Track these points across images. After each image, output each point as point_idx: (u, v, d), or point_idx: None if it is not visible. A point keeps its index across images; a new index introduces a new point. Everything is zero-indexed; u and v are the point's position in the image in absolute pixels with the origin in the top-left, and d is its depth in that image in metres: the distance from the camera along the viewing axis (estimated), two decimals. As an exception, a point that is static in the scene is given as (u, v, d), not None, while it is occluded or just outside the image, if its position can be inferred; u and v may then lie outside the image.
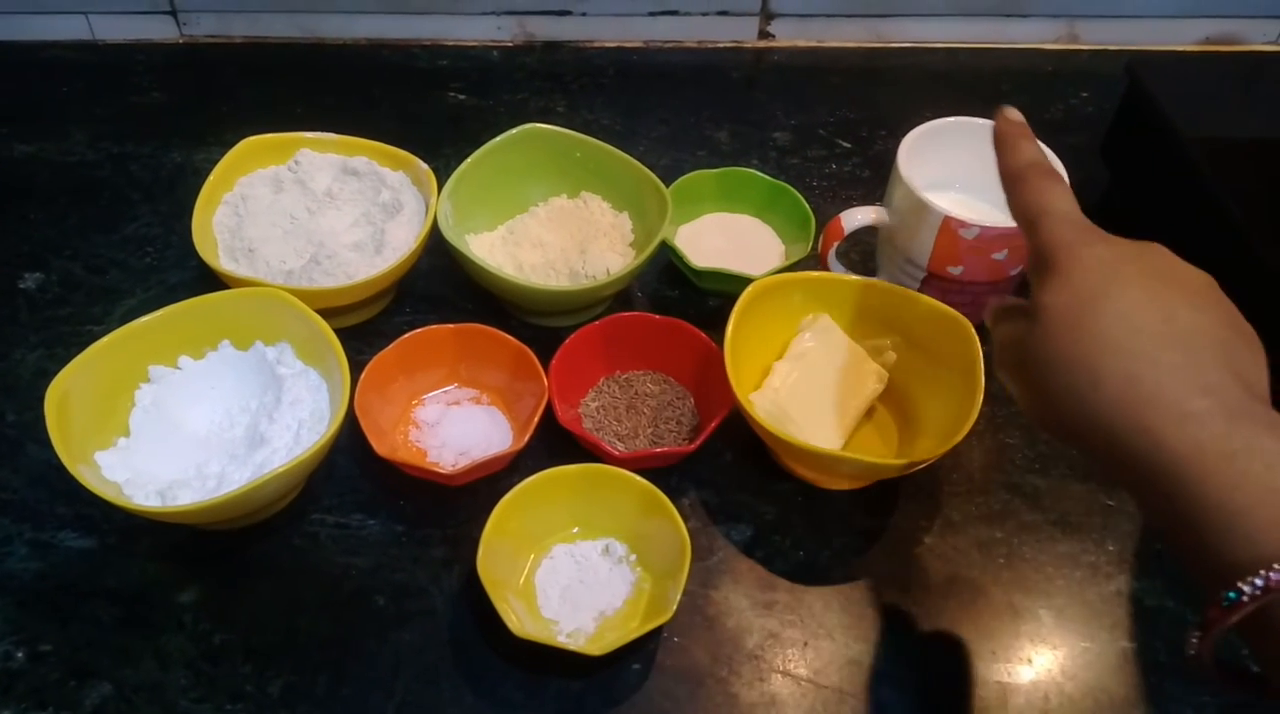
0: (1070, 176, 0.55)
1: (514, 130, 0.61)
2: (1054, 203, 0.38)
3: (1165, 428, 0.31)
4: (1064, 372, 0.34)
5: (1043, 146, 0.57)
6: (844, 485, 0.53)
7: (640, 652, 0.47)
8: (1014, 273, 0.56)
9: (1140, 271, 0.35)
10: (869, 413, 0.55)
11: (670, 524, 0.47)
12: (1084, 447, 0.35)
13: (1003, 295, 0.40)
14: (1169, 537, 0.33)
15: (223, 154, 0.61)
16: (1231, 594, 0.29)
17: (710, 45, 0.83)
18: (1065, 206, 0.38)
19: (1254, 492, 0.30)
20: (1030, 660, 0.47)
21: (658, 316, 0.56)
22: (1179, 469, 0.31)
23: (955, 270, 0.55)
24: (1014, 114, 0.42)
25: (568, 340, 0.54)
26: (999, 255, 0.54)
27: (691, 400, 0.56)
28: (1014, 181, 0.40)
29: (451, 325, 0.55)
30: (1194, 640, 0.31)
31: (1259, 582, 0.29)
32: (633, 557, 0.49)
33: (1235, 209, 0.55)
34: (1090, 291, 0.34)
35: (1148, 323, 0.33)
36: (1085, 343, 0.33)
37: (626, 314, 0.56)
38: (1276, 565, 0.28)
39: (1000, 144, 0.41)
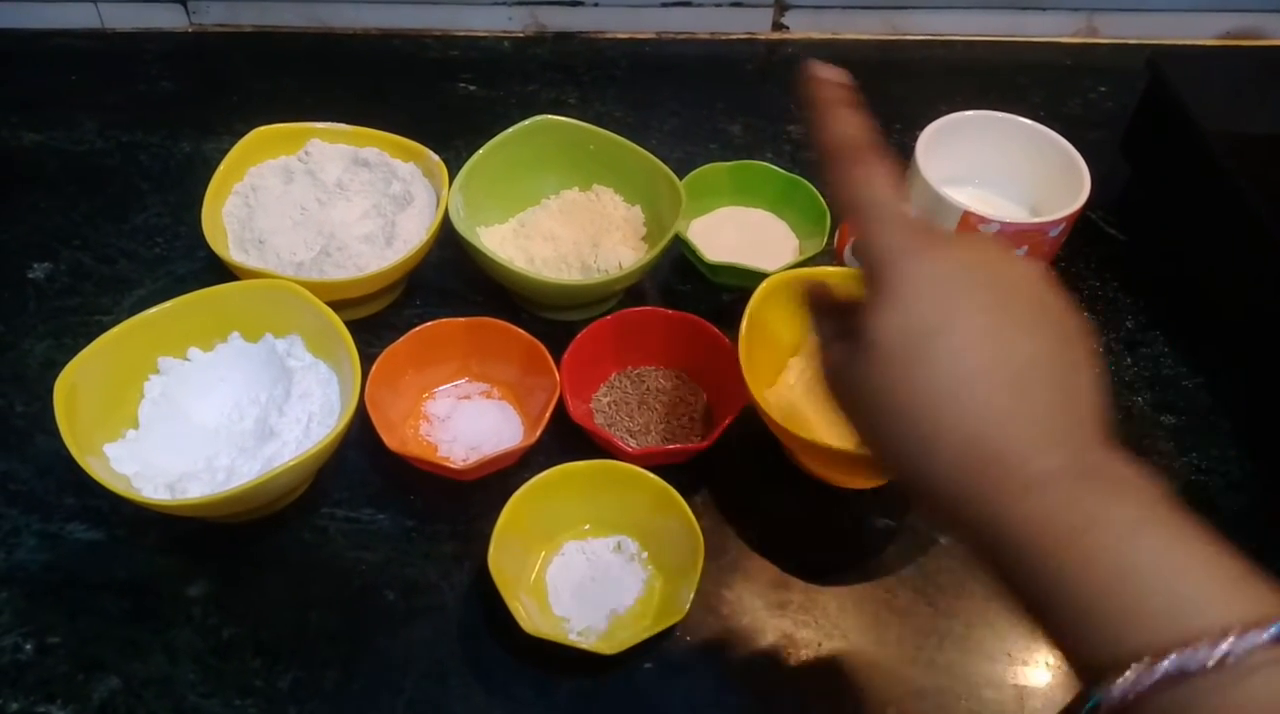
0: (1091, 171, 0.55)
1: (526, 122, 0.60)
2: (875, 194, 0.33)
3: (1008, 497, 0.29)
4: (901, 420, 0.31)
5: (1057, 139, 0.57)
6: (859, 484, 0.52)
7: (652, 651, 0.46)
8: (1033, 270, 0.55)
9: (975, 294, 0.31)
10: (884, 410, 0.54)
11: (683, 522, 0.46)
12: (927, 501, 0.32)
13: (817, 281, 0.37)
14: (1033, 621, 0.29)
15: (232, 144, 0.60)
16: (1091, 703, 0.26)
17: (723, 37, 0.82)
18: (887, 198, 0.33)
19: (1105, 572, 0.27)
20: (1047, 663, 0.47)
21: (670, 311, 0.55)
22: (1027, 543, 0.28)
23: (974, 267, 0.54)
24: (827, 72, 0.35)
25: (579, 335, 0.54)
26: (1019, 251, 0.53)
27: (704, 397, 0.55)
28: (829, 161, 0.34)
29: (463, 319, 0.54)
30: None
31: (1116, 693, 0.25)
32: (645, 554, 0.49)
33: (1258, 204, 0.54)
34: (924, 326, 0.31)
35: (985, 363, 0.30)
36: (921, 391, 0.30)
37: (639, 309, 0.55)
38: (1135, 666, 0.25)
39: (814, 112, 0.35)
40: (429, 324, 0.54)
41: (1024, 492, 0.29)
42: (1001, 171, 0.59)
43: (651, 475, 0.48)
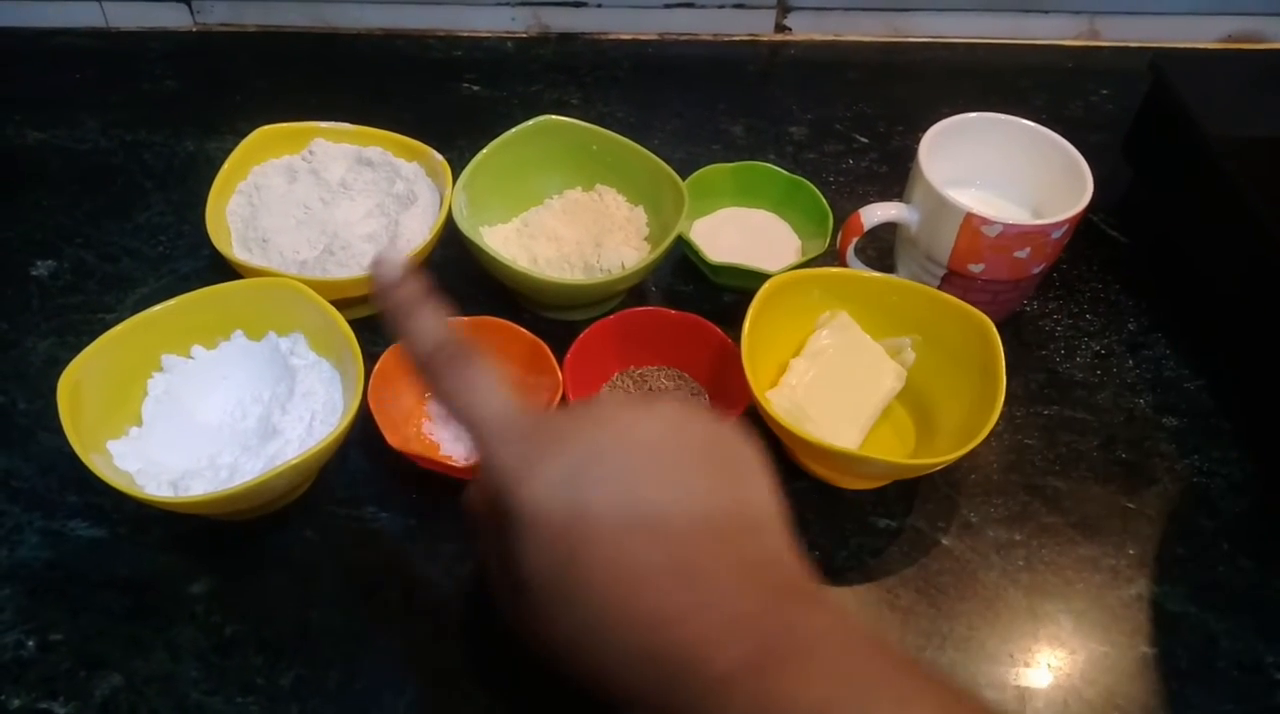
0: (1092, 174, 0.55)
1: (530, 122, 0.60)
2: (476, 410, 0.31)
3: (703, 702, 0.26)
4: (580, 651, 0.29)
5: (1060, 141, 0.57)
6: (861, 485, 0.52)
7: (654, 650, 0.46)
8: (1036, 271, 0.55)
9: (603, 486, 0.29)
10: (885, 411, 0.54)
11: (686, 521, 0.46)
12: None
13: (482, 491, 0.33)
14: None
15: (235, 143, 0.60)
16: None
17: (726, 38, 0.82)
18: (490, 410, 0.31)
19: None
20: (1049, 665, 0.47)
21: (673, 311, 0.55)
22: None
23: (976, 268, 0.54)
24: (391, 270, 0.34)
25: (582, 334, 0.54)
26: (1021, 253, 0.53)
27: (706, 397, 0.55)
28: (420, 373, 0.33)
29: (466, 318, 0.54)
30: None
31: None
32: (647, 554, 0.49)
33: (1260, 207, 0.55)
34: (560, 555, 0.28)
35: (639, 565, 0.28)
36: (586, 626, 0.28)
37: (641, 308, 0.56)
38: None
39: (390, 322, 0.34)
40: (432, 323, 0.54)
41: (715, 695, 0.26)
42: (1003, 174, 0.59)
43: (654, 475, 0.48)
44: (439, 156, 0.60)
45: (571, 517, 0.28)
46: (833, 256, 0.59)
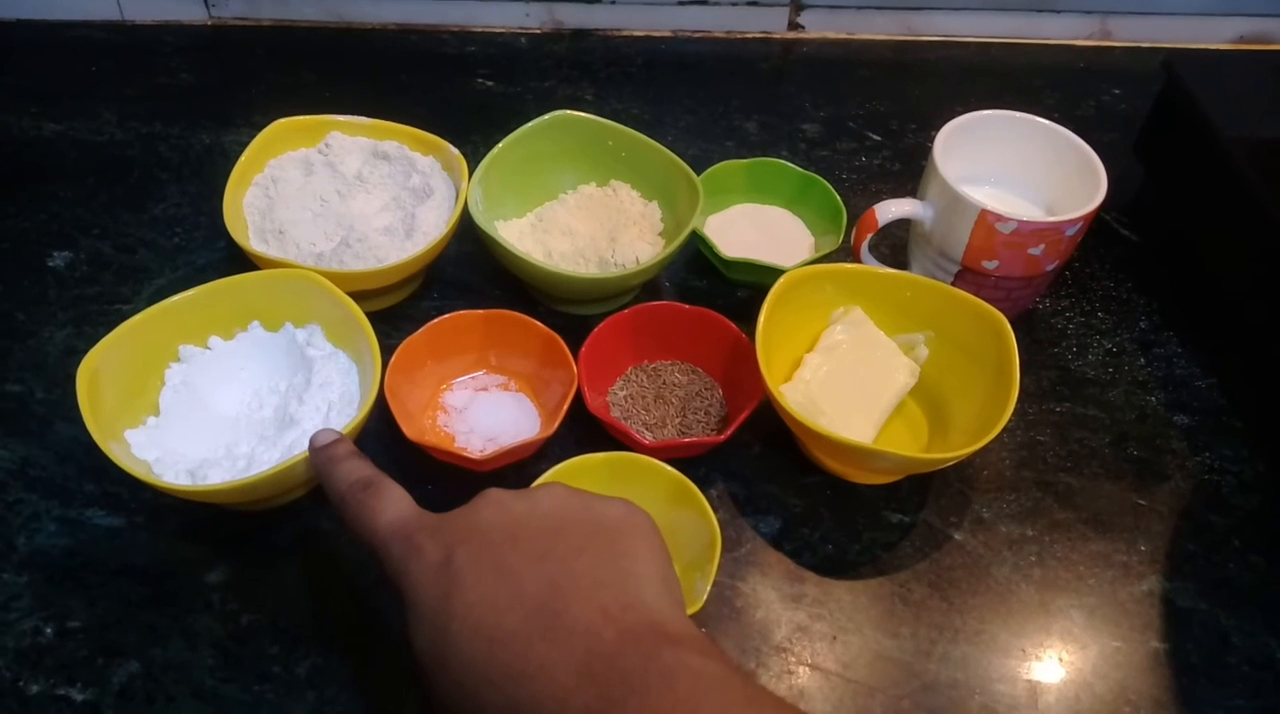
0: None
1: (546, 116, 0.60)
2: (379, 517, 0.36)
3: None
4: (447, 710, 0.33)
5: (1074, 139, 0.57)
6: (873, 479, 0.53)
7: (668, 641, 0.46)
8: (1049, 268, 0.55)
9: (474, 561, 0.33)
10: (898, 407, 0.54)
11: (700, 515, 0.47)
12: None
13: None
14: None
15: (250, 136, 0.61)
16: None
17: (739, 36, 0.82)
18: (390, 516, 0.36)
19: None
20: (1061, 659, 0.47)
21: (687, 306, 0.55)
22: None
23: (990, 265, 0.54)
24: (322, 438, 0.41)
25: (596, 329, 0.54)
26: (1035, 250, 0.53)
27: (719, 391, 0.56)
28: (340, 508, 0.38)
29: (482, 311, 0.54)
30: None
31: None
32: (661, 546, 0.49)
33: (1271, 207, 0.55)
34: (434, 631, 0.32)
35: (493, 628, 0.31)
36: (458, 687, 0.32)
37: (656, 303, 0.56)
38: None
39: (321, 476, 0.40)
40: (448, 316, 0.54)
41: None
42: (1017, 171, 0.59)
43: (669, 468, 0.48)
44: (455, 150, 0.60)
45: (445, 592, 0.32)
46: (846, 253, 0.59)
